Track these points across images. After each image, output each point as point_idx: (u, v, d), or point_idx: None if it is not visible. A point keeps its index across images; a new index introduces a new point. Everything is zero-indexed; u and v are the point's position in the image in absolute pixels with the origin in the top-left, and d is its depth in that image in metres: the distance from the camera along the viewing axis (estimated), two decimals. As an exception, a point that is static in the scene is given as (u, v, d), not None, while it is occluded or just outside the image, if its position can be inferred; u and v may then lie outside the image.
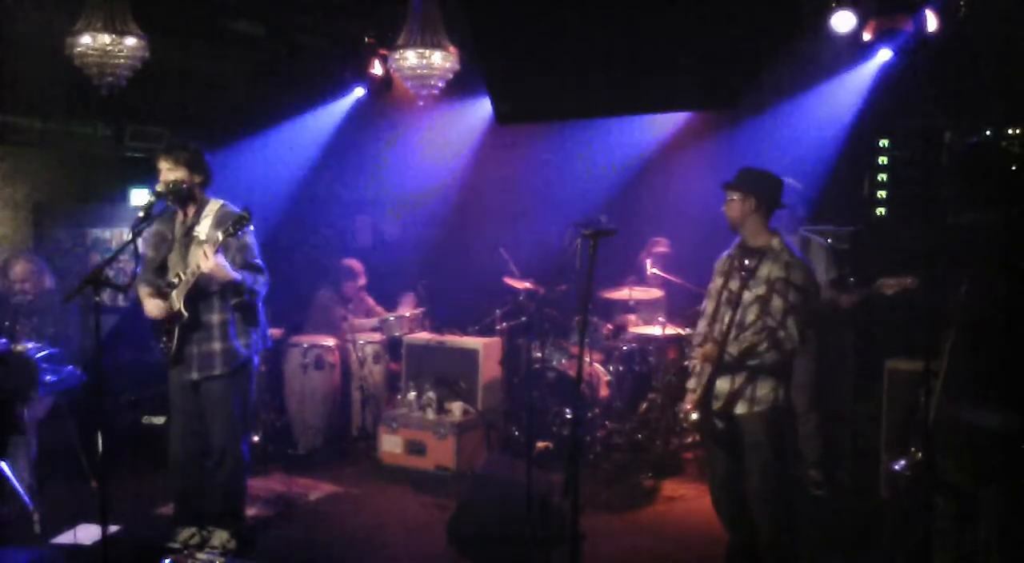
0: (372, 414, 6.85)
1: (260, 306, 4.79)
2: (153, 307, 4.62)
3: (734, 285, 4.14)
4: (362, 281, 7.38)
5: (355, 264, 7.37)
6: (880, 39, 5.93)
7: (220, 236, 4.33)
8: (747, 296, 4.08)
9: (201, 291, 4.54)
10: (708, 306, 4.38)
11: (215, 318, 4.62)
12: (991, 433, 3.63)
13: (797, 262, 4.10)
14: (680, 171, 7.60)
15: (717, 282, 4.34)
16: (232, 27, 7.10)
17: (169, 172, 4.57)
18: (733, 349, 4.03)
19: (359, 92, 7.75)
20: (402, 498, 5.78)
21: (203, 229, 4.61)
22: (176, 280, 4.55)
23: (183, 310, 4.52)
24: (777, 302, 4.03)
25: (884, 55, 6.17)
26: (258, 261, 4.64)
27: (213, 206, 4.68)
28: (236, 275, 4.47)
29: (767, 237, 4.18)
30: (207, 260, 4.32)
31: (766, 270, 4.08)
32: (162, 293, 4.64)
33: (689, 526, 5.30)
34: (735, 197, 4.19)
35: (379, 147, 8.35)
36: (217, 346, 4.62)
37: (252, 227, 4.41)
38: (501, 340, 6.83)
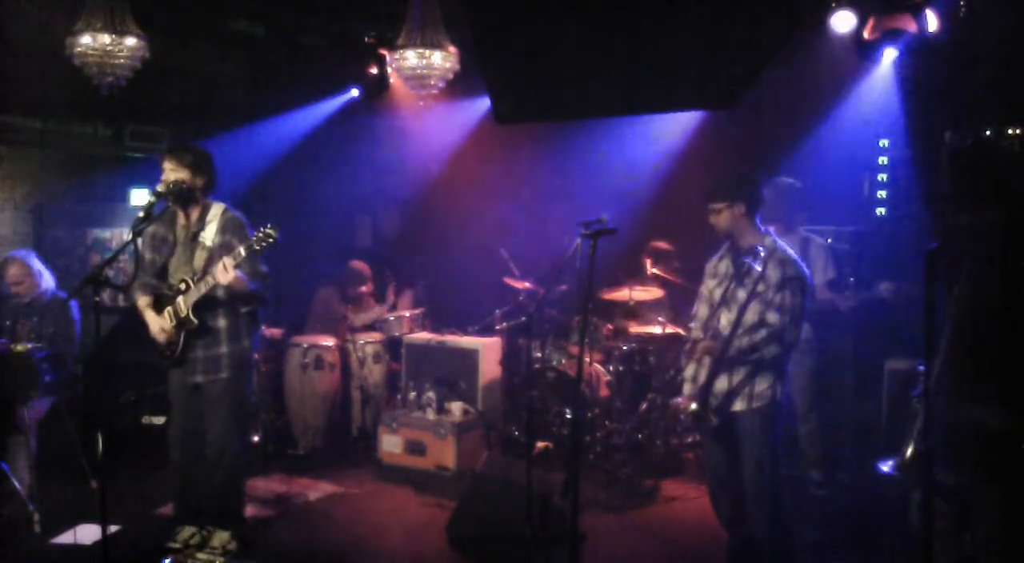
0: (372, 414, 6.85)
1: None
2: (158, 332, 4.62)
3: (733, 285, 4.16)
4: (369, 285, 7.38)
5: (363, 267, 7.37)
6: (880, 39, 5.91)
7: (243, 251, 4.30)
8: (745, 295, 4.09)
9: (211, 299, 4.54)
10: (701, 309, 4.38)
11: (221, 323, 4.62)
12: (990, 433, 3.63)
13: (790, 259, 4.14)
14: (682, 171, 7.58)
15: (709, 284, 4.35)
16: (232, 27, 7.12)
17: (172, 172, 4.56)
18: (736, 348, 4.04)
19: (356, 92, 7.74)
20: (402, 498, 5.78)
21: (208, 234, 4.60)
22: (183, 285, 4.54)
23: (192, 317, 4.51)
24: (776, 299, 4.04)
25: (889, 59, 6.15)
26: (264, 268, 4.64)
27: (216, 210, 4.67)
28: (252, 286, 4.49)
29: (758, 237, 4.19)
30: (227, 273, 4.30)
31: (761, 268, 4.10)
32: (161, 298, 4.64)
33: (689, 526, 5.29)
34: (722, 207, 4.18)
35: (378, 146, 8.34)
36: (224, 349, 4.62)
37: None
38: (501, 340, 6.82)
